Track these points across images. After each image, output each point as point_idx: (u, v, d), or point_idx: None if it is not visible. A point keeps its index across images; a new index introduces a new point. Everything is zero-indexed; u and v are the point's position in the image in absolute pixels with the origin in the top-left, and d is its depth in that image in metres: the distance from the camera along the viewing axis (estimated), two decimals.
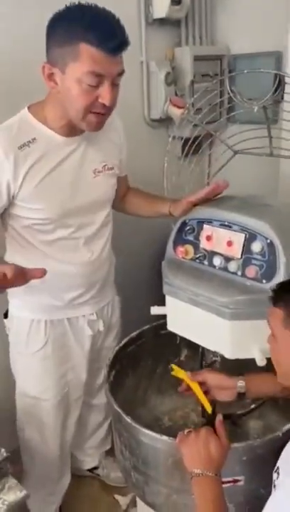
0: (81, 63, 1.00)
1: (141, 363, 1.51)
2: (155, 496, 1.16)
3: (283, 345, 0.85)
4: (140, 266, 2.07)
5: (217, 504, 0.91)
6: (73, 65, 1.01)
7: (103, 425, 1.71)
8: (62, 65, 1.03)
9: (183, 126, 1.72)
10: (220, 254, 1.14)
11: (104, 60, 1.01)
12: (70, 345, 1.38)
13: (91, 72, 1.01)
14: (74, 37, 0.99)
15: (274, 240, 1.04)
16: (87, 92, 1.04)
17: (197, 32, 2.05)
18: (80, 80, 1.02)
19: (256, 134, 1.35)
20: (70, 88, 1.04)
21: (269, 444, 1.03)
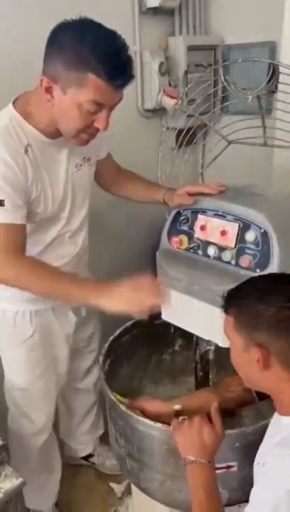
0: (85, 91, 1.00)
1: (136, 352, 1.52)
2: (149, 482, 1.18)
3: (237, 350, 0.88)
4: (134, 256, 2.07)
5: (209, 490, 0.93)
6: (76, 90, 1.01)
7: (92, 409, 1.72)
8: (64, 85, 1.02)
9: (177, 117, 1.72)
10: (214, 243, 1.15)
11: (109, 93, 1.02)
12: (55, 333, 1.39)
13: (93, 101, 1.01)
14: (84, 65, 0.98)
15: (268, 230, 1.05)
16: (85, 117, 1.05)
17: (191, 21, 2.04)
18: (80, 105, 1.02)
19: (249, 124, 1.35)
20: (68, 110, 1.04)
21: (262, 431, 1.04)
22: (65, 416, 1.73)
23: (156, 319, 1.47)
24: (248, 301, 0.85)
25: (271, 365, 0.83)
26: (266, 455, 0.85)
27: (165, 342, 1.60)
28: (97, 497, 1.68)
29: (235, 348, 0.89)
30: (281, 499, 0.74)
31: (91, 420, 1.74)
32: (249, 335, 0.85)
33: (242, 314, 0.86)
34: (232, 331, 0.88)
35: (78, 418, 1.72)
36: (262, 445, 0.94)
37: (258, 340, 0.83)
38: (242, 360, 0.88)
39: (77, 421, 1.72)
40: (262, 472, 0.81)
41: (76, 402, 1.68)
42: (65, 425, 1.74)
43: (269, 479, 0.79)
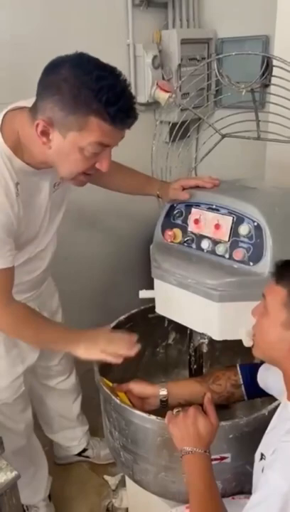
0: (88, 134, 0.93)
1: None
2: (143, 474, 1.19)
3: (274, 322, 0.85)
4: (128, 250, 2.07)
5: (207, 479, 0.94)
6: (78, 134, 0.93)
7: (75, 405, 1.70)
8: (63, 129, 0.93)
9: (170, 111, 1.72)
10: (208, 237, 1.15)
11: (114, 134, 0.96)
12: (21, 343, 1.31)
13: (98, 143, 0.95)
14: (86, 107, 0.90)
15: (261, 223, 1.06)
16: (88, 160, 0.98)
17: (185, 15, 2.03)
18: (83, 149, 0.95)
19: (243, 118, 1.35)
20: (69, 153, 0.96)
21: (255, 423, 1.06)
22: (50, 417, 1.70)
23: (149, 313, 1.49)
24: None
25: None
26: (274, 444, 0.84)
27: (159, 336, 1.61)
28: (91, 490, 1.69)
29: (272, 319, 0.85)
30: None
31: (75, 416, 1.72)
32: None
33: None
34: (277, 303, 0.84)
35: (63, 417, 1.70)
36: (268, 436, 0.94)
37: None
38: (275, 334, 0.85)
39: (62, 420, 1.70)
40: (274, 458, 0.80)
41: (58, 401, 1.66)
42: (52, 427, 1.73)
43: (282, 464, 0.77)
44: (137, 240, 2.03)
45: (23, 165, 1.03)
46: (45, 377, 1.58)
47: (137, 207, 1.80)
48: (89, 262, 1.96)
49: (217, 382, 1.22)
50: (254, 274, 1.06)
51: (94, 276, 1.97)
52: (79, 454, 1.79)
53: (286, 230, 1.08)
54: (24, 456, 1.48)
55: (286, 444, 0.78)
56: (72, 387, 1.66)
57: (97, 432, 1.80)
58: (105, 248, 1.76)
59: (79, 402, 1.71)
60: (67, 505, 1.64)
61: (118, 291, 1.91)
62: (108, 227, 1.97)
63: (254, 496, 0.79)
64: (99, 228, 1.92)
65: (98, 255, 1.99)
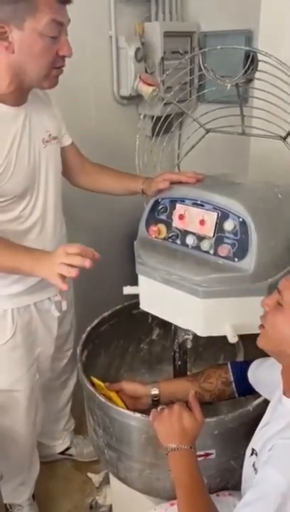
0: (41, 14, 0.98)
1: (114, 342, 1.52)
2: (128, 471, 1.18)
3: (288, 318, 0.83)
4: (112, 246, 2.05)
5: (194, 475, 0.93)
6: (33, 19, 0.98)
7: (67, 406, 1.71)
8: (17, 21, 0.98)
9: (154, 105, 1.70)
10: (193, 233, 1.14)
11: (61, 8, 1.01)
12: (38, 330, 1.35)
13: (53, 21, 1.00)
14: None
15: (246, 219, 1.05)
16: (50, 46, 1.02)
17: (168, 7, 2.01)
18: (42, 33, 1.00)
19: (227, 113, 1.35)
20: (32, 44, 1.01)
21: (240, 419, 1.06)
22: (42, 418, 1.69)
23: (133, 309, 1.48)
24: None
25: None
26: (268, 440, 0.84)
27: (142, 331, 1.60)
28: (75, 488, 1.68)
29: (288, 316, 0.83)
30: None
31: (66, 417, 1.73)
32: None
33: None
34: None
35: (55, 416, 1.70)
36: (260, 432, 0.94)
37: None
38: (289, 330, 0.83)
39: (54, 419, 1.70)
40: (272, 455, 0.79)
41: (52, 401, 1.65)
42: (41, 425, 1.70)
43: (281, 461, 0.77)
44: (121, 236, 2.01)
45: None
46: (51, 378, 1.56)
47: (121, 202, 1.78)
48: None
49: (208, 380, 1.22)
50: (239, 271, 1.05)
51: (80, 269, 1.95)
52: (62, 452, 1.77)
53: (271, 225, 1.08)
54: (23, 462, 1.47)
55: (285, 441, 0.78)
56: (71, 387, 1.67)
57: (81, 430, 1.79)
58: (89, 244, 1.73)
59: (70, 403, 1.71)
60: (50, 503, 1.63)
61: (102, 287, 1.89)
62: (91, 222, 1.94)
63: (250, 492, 0.78)
64: (82, 224, 1.90)
65: None
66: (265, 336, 0.89)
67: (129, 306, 1.49)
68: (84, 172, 1.42)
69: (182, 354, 1.31)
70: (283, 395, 0.89)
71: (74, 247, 1.02)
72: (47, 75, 1.07)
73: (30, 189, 1.18)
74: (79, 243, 1.07)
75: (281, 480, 0.73)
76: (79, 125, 1.77)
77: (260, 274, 1.05)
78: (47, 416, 1.66)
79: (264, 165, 1.67)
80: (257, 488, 0.77)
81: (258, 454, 0.89)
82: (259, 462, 0.86)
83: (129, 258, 1.33)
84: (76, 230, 1.90)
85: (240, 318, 1.09)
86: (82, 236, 1.92)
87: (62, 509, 1.60)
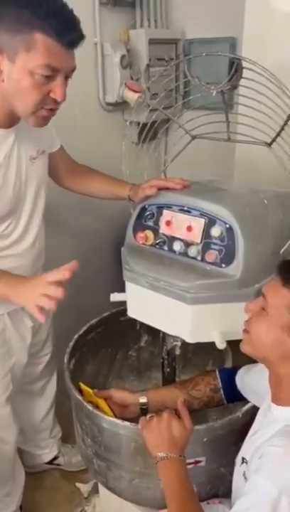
0: (36, 54, 0.92)
1: (102, 350, 1.51)
2: (117, 481, 1.17)
3: (274, 324, 0.84)
4: (99, 252, 2.05)
5: (184, 484, 0.92)
6: (26, 55, 0.92)
7: (50, 413, 1.68)
8: (11, 52, 0.93)
9: (140, 111, 1.70)
10: (180, 239, 1.14)
11: (61, 53, 0.94)
12: (12, 340, 1.31)
13: (46, 65, 0.94)
14: (29, 25, 0.90)
15: (233, 225, 1.05)
16: (40, 86, 0.96)
17: (153, 15, 2.02)
18: (32, 73, 0.94)
19: (213, 119, 1.35)
20: (20, 80, 0.95)
21: (229, 425, 1.06)
22: (25, 425, 1.66)
23: (121, 316, 1.47)
24: None
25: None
26: (257, 448, 0.83)
27: (130, 338, 1.60)
28: (63, 498, 1.66)
29: (272, 321, 0.84)
30: (283, 491, 0.72)
31: (50, 424, 1.70)
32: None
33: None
34: (280, 307, 0.83)
35: (38, 423, 1.67)
36: (250, 440, 0.94)
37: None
38: (273, 335, 0.84)
39: (37, 426, 1.67)
40: (261, 462, 0.79)
41: (34, 406, 1.63)
42: (27, 433, 1.68)
43: (270, 469, 0.76)
44: (108, 242, 2.00)
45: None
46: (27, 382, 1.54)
47: (108, 208, 1.78)
48: (60, 264, 1.93)
49: (197, 387, 1.22)
50: (226, 276, 1.05)
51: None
52: (50, 461, 1.75)
53: (258, 231, 1.08)
54: (7, 471, 1.44)
55: (274, 449, 0.78)
56: (50, 392, 1.64)
57: (68, 439, 1.77)
58: (75, 250, 1.73)
59: (53, 410, 1.68)
60: None
61: (89, 294, 1.88)
62: (78, 229, 1.93)
63: (241, 500, 0.78)
64: (69, 230, 1.89)
65: (69, 258, 1.96)
66: (249, 342, 0.89)
67: (117, 313, 1.48)
68: (71, 174, 1.41)
69: (171, 361, 1.30)
70: (272, 402, 0.89)
71: (55, 274, 0.97)
72: (34, 113, 1.01)
73: (14, 210, 1.17)
74: (67, 250, 1.06)
75: (271, 488, 0.73)
76: (65, 132, 1.76)
77: (247, 280, 1.05)
78: (30, 424, 1.64)
79: (250, 171, 1.69)
80: (247, 496, 0.76)
81: (248, 463, 0.89)
82: (249, 471, 0.86)
83: (116, 265, 1.32)
84: (63, 237, 1.89)
85: (228, 324, 1.08)
86: (69, 242, 1.92)
87: None
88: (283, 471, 0.73)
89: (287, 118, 1.09)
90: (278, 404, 0.87)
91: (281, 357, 0.83)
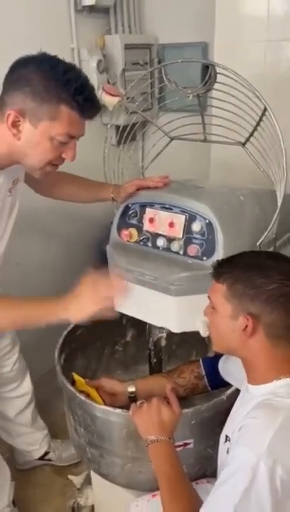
0: (59, 124, 1.00)
1: (90, 345, 1.56)
2: (110, 467, 1.22)
3: (223, 316, 0.93)
4: (82, 251, 2.09)
5: (174, 463, 0.98)
6: (49, 124, 1.00)
7: (26, 409, 1.69)
8: (34, 119, 1.00)
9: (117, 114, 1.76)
10: (163, 235, 1.20)
11: (80, 124, 1.04)
12: None
13: (67, 134, 1.02)
14: (57, 97, 0.98)
15: (213, 220, 1.12)
16: (56, 149, 1.05)
17: (126, 21, 2.09)
18: (53, 138, 1.02)
19: (189, 121, 1.42)
20: (39, 143, 1.03)
21: (215, 408, 1.12)
22: (6, 423, 1.69)
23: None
24: (247, 273, 0.89)
25: (257, 335, 0.89)
26: (238, 424, 0.89)
27: (117, 334, 1.65)
28: (56, 492, 1.70)
29: (220, 314, 0.93)
30: (261, 457, 0.77)
31: (28, 420, 1.70)
32: (240, 304, 0.89)
33: (239, 284, 0.90)
34: (220, 299, 0.92)
35: (12, 420, 1.68)
36: (231, 419, 1.00)
37: (250, 310, 0.88)
38: (226, 326, 0.92)
39: (13, 423, 1.69)
40: (240, 434, 0.84)
41: (6, 406, 1.65)
42: (10, 432, 1.71)
43: (249, 438, 0.81)
44: (91, 242, 2.05)
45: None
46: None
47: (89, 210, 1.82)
48: (42, 265, 1.97)
49: (182, 375, 1.28)
50: (208, 268, 1.10)
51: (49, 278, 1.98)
52: (41, 457, 1.78)
53: (236, 225, 1.16)
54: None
55: (252, 420, 0.84)
56: (24, 393, 1.66)
57: (58, 435, 1.81)
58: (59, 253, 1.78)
59: (32, 407, 1.70)
60: (32, 508, 1.64)
61: None
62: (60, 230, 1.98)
63: (223, 471, 0.83)
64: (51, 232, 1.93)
65: (54, 259, 2.00)
66: (214, 341, 0.99)
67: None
68: (51, 183, 1.43)
69: (157, 352, 1.37)
70: (248, 383, 0.96)
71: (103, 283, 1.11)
72: (42, 169, 1.09)
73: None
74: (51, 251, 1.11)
75: (250, 455, 0.78)
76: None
77: None
78: (5, 420, 1.67)
79: (224, 170, 1.77)
80: (229, 467, 0.82)
81: (231, 440, 0.95)
82: (232, 447, 0.92)
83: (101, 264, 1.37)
84: (46, 239, 1.93)
85: None
86: (53, 245, 1.96)
87: None
88: (260, 439, 0.79)
89: (259, 119, 1.16)
90: (254, 383, 0.94)
91: (239, 342, 0.91)
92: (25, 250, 1.82)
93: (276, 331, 0.88)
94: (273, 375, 0.90)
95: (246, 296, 0.88)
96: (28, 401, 1.68)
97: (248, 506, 0.77)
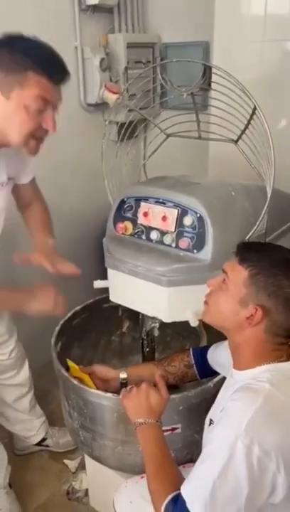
0: (30, 89, 1.03)
1: (86, 335, 1.61)
2: (102, 450, 1.28)
3: (232, 297, 0.94)
4: (81, 245, 2.14)
5: (160, 446, 1.03)
6: (21, 92, 1.03)
7: (24, 397, 1.74)
8: (5, 90, 1.03)
9: (118, 111, 1.80)
10: (156, 228, 1.25)
11: (51, 89, 1.06)
12: None
13: (40, 97, 1.04)
14: (23, 66, 1.01)
15: (203, 214, 1.16)
16: (33, 118, 1.06)
17: (130, 20, 2.13)
18: (27, 106, 1.04)
19: (186, 119, 1.46)
20: (15, 114, 1.05)
21: (202, 394, 1.17)
22: (5, 409, 1.75)
23: (104, 303, 1.57)
24: (273, 269, 0.91)
25: (258, 326, 0.92)
26: (222, 405, 0.93)
27: (113, 324, 1.70)
28: (52, 477, 1.76)
29: (230, 294, 0.94)
30: (239, 436, 0.80)
31: (26, 407, 1.76)
32: (257, 295, 0.91)
33: (262, 277, 0.91)
34: (238, 282, 0.93)
35: (11, 407, 1.75)
36: (215, 404, 1.05)
37: (263, 303, 0.90)
38: (231, 307, 0.94)
39: (11, 410, 1.75)
40: (221, 416, 0.89)
41: (7, 394, 1.71)
42: (8, 418, 1.77)
43: (229, 418, 0.86)
44: (89, 235, 2.10)
45: None
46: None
47: (88, 205, 1.88)
48: None
49: (172, 364, 1.33)
50: (198, 261, 1.17)
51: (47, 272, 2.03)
52: (38, 443, 1.84)
53: (226, 220, 1.20)
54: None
55: (232, 403, 0.88)
56: (23, 381, 1.72)
57: (56, 422, 1.87)
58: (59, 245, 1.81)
59: (31, 395, 1.76)
60: (28, 491, 1.69)
61: (73, 285, 1.97)
62: (60, 224, 2.03)
63: (203, 451, 0.88)
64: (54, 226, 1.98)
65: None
66: (209, 312, 1.01)
67: (100, 301, 1.58)
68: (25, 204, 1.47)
69: (149, 341, 1.41)
70: (233, 368, 1.01)
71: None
72: (26, 144, 1.11)
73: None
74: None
75: (229, 434, 0.82)
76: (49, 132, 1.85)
77: (217, 264, 1.15)
78: (12, 409, 1.73)
79: (221, 166, 1.81)
80: (209, 446, 0.87)
81: (214, 423, 1.00)
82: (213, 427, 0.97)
83: (97, 257, 1.42)
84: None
85: (200, 304, 1.19)
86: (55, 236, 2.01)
87: (40, 497, 1.67)
88: (239, 419, 0.83)
89: (250, 117, 1.20)
90: (238, 369, 0.98)
91: (237, 326, 0.95)
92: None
93: (277, 329, 0.92)
94: (257, 363, 0.95)
95: (265, 291, 0.90)
96: (26, 389, 1.74)
97: (226, 482, 0.82)
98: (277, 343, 0.95)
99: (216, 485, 0.82)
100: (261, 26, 1.67)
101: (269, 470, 0.82)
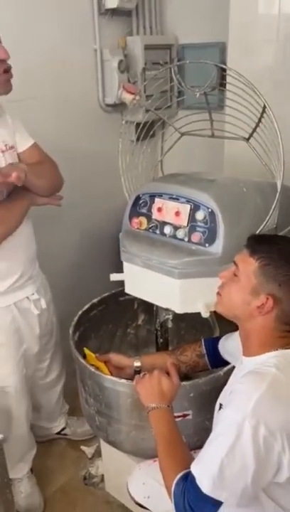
0: None
1: (103, 326, 1.67)
2: (117, 434, 1.33)
3: (243, 287, 0.99)
4: (98, 240, 2.21)
5: (171, 429, 1.08)
6: None
7: (61, 396, 1.84)
8: None
9: (136, 111, 1.86)
10: (170, 223, 1.29)
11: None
12: (21, 328, 1.47)
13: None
14: None
15: (215, 209, 1.21)
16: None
17: (148, 22, 2.19)
18: None
19: (201, 118, 1.51)
20: None
21: (213, 382, 1.22)
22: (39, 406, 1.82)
23: (120, 296, 1.63)
24: (283, 260, 0.94)
25: (268, 315, 0.96)
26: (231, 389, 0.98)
27: (129, 317, 1.76)
28: (69, 463, 1.83)
29: (241, 284, 0.98)
30: (246, 417, 0.84)
31: (60, 404, 1.86)
32: (267, 284, 0.94)
33: (272, 267, 0.94)
34: (248, 272, 0.97)
35: (48, 409, 1.83)
36: (225, 389, 1.09)
37: (274, 292, 0.94)
38: (242, 297, 0.98)
39: (52, 410, 1.85)
40: (229, 399, 0.93)
41: (43, 398, 1.79)
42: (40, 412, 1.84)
43: (236, 401, 0.90)
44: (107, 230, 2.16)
45: None
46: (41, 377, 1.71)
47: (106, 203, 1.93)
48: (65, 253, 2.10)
49: (184, 353, 1.38)
50: (209, 254, 1.21)
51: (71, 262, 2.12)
52: (58, 432, 1.92)
53: (236, 215, 1.24)
54: (22, 441, 1.62)
55: (240, 386, 0.93)
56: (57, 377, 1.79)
57: (74, 412, 1.94)
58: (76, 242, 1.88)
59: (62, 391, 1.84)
60: (47, 476, 1.77)
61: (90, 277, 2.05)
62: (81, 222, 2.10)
63: (212, 433, 0.93)
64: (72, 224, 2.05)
65: (72, 249, 2.12)
66: (221, 303, 1.06)
67: (117, 294, 1.64)
68: None
69: (163, 332, 1.47)
70: (243, 355, 1.05)
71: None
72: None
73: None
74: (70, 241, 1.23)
75: (235, 416, 0.87)
76: (68, 131, 1.93)
77: (227, 257, 1.19)
78: (47, 408, 1.82)
79: (236, 164, 1.84)
80: (218, 426, 0.91)
81: (223, 407, 1.05)
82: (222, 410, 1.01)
83: (114, 253, 1.47)
84: (67, 229, 2.05)
85: (211, 296, 1.23)
86: (69, 235, 2.08)
87: (59, 481, 1.75)
88: (246, 401, 0.88)
89: (260, 115, 1.24)
90: (248, 355, 1.03)
91: (248, 314, 0.99)
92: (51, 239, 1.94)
93: (286, 318, 0.96)
94: (265, 350, 0.99)
95: (275, 280, 0.94)
96: (61, 388, 1.82)
97: (233, 460, 0.87)
98: (285, 330, 0.99)
99: (224, 463, 0.87)
100: (275, 26, 1.70)
101: (274, 449, 0.86)
